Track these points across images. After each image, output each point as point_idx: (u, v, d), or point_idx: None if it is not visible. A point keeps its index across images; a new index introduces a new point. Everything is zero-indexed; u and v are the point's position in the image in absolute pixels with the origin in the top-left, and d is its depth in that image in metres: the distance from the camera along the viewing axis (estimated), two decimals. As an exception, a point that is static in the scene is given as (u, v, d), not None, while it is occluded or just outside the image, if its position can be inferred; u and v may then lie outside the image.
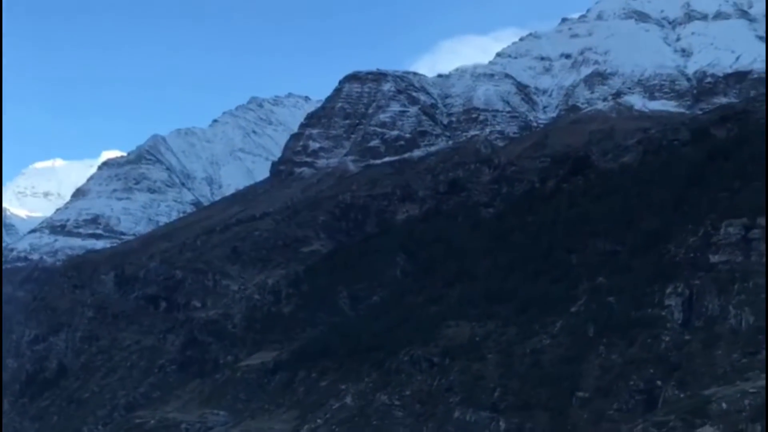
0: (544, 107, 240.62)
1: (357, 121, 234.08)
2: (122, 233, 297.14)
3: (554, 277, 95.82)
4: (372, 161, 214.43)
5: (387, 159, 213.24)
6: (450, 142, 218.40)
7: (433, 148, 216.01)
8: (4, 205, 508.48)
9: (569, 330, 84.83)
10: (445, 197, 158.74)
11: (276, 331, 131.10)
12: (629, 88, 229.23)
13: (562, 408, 75.99)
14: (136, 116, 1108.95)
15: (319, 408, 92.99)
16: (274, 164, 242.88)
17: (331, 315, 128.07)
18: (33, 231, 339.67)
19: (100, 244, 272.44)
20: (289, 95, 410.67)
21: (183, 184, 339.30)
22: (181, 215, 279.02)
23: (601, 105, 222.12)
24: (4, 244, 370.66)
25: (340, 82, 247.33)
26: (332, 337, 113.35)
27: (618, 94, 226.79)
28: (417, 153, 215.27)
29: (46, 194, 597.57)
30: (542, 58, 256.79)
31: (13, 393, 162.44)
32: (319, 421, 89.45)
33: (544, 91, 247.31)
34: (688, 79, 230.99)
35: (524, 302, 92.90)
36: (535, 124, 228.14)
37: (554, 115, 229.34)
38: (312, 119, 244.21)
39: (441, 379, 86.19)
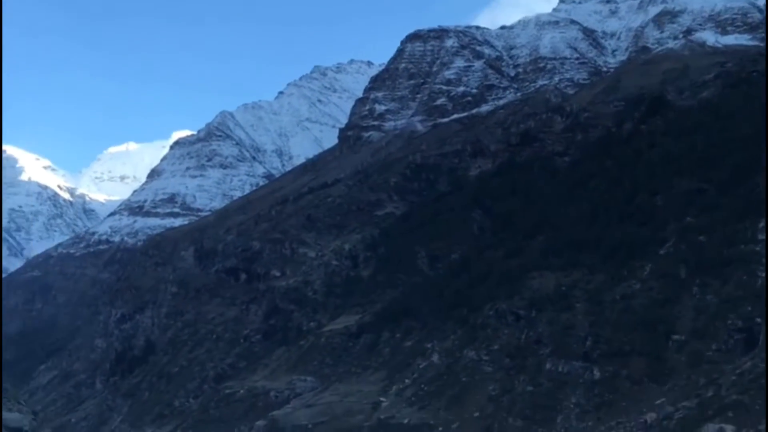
0: (613, 51, 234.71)
1: (422, 81, 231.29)
2: (198, 210, 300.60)
3: (640, 220, 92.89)
4: (440, 119, 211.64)
5: (455, 116, 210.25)
6: (518, 94, 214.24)
7: (501, 102, 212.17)
8: (83, 191, 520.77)
9: (660, 273, 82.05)
10: (517, 149, 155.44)
11: (356, 294, 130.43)
12: (700, 25, 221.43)
13: (658, 353, 73.54)
14: (203, 94, 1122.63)
15: (406, 368, 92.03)
16: (341, 131, 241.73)
17: (411, 275, 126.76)
18: (112, 214, 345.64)
19: (177, 222, 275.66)
20: (352, 61, 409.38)
21: (254, 158, 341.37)
22: (254, 188, 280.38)
23: (672, 44, 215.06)
24: (85, 228, 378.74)
25: (402, 43, 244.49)
26: (413, 297, 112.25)
27: (689, 32, 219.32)
28: (485, 107, 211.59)
29: (122, 178, 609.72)
30: (608, 1, 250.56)
31: (104, 372, 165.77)
32: (407, 381, 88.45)
33: (612, 35, 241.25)
34: (761, 11, 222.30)
35: (610, 248, 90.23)
36: (605, 68, 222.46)
37: (624, 58, 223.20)
38: (376, 82, 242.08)
39: (529, 331, 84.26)
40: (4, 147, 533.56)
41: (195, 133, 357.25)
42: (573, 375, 76.28)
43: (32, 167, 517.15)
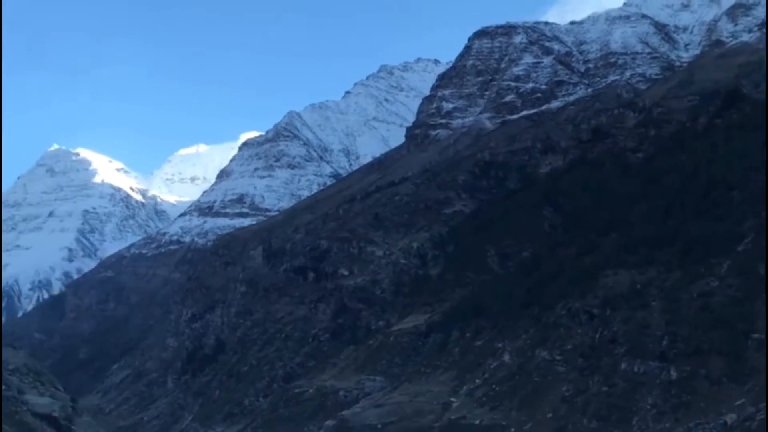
0: (686, 45, 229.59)
1: (490, 78, 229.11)
2: (267, 210, 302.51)
3: (716, 215, 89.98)
4: (508, 116, 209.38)
5: (524, 113, 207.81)
6: (589, 90, 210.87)
7: (571, 98, 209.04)
8: (154, 192, 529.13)
9: (738, 270, 79.22)
10: (589, 146, 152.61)
11: (425, 293, 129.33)
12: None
13: (737, 352, 70.85)
14: (271, 95, 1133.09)
15: (476, 368, 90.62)
16: (408, 129, 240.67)
17: (480, 274, 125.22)
18: (183, 215, 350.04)
19: (246, 222, 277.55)
20: (419, 60, 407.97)
21: (321, 158, 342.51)
22: (322, 188, 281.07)
23: (746, 37, 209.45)
24: (156, 229, 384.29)
25: (470, 40, 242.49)
26: (483, 295, 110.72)
27: (764, 24, 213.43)
28: (555, 104, 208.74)
29: (192, 179, 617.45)
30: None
31: (176, 371, 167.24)
32: (477, 380, 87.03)
33: (684, 29, 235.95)
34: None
35: (686, 245, 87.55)
36: (677, 63, 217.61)
37: (697, 52, 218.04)
38: (444, 80, 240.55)
39: (603, 330, 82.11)
40: (78, 150, 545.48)
41: (263, 133, 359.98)
42: (649, 375, 74.04)
43: (105, 169, 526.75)
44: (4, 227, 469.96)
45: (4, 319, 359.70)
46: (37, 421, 39.31)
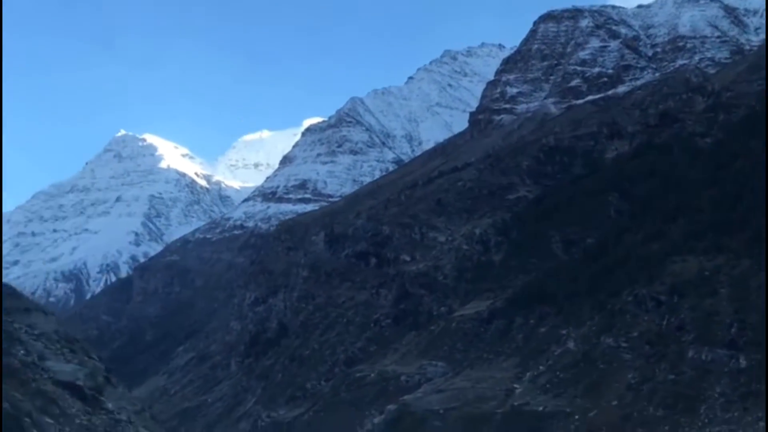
0: (756, 29, 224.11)
1: (555, 62, 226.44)
2: (329, 195, 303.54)
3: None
4: (574, 101, 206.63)
5: (590, 98, 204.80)
6: (656, 74, 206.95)
7: (638, 82, 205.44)
8: (219, 178, 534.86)
9: (810, 257, 77.06)
10: (656, 131, 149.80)
11: (488, 279, 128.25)
12: None
13: (810, 341, 68.96)
14: (334, 81, 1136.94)
15: (540, 354, 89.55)
16: (472, 114, 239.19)
17: (544, 260, 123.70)
18: (246, 200, 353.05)
19: (309, 208, 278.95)
20: (482, 45, 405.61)
21: (383, 144, 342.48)
22: (384, 174, 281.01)
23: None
24: (221, 214, 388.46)
25: (535, 24, 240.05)
26: (548, 282, 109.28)
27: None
28: (622, 88, 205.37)
29: (256, 165, 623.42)
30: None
31: (239, 354, 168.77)
32: (541, 367, 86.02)
33: (755, 12, 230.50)
34: None
35: (756, 231, 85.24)
36: (747, 47, 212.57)
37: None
38: (508, 64, 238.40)
39: (670, 317, 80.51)
40: (144, 135, 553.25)
41: (326, 119, 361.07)
42: (717, 363, 72.46)
43: (171, 155, 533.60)
44: (73, 211, 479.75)
45: (72, 301, 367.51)
46: (59, 389, 35.18)
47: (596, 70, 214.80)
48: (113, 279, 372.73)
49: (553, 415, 75.22)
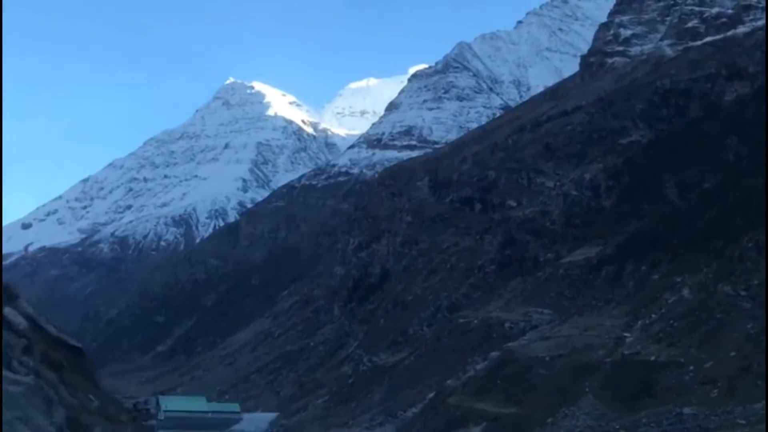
0: None
1: (671, 2, 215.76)
2: (434, 142, 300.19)
3: None
4: (691, 43, 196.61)
5: (708, 39, 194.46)
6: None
7: (759, 22, 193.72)
8: (325, 125, 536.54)
9: None
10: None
11: (597, 225, 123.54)
12: None
13: None
14: (442, 27, 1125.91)
15: (652, 302, 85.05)
16: (583, 57, 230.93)
17: (657, 205, 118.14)
18: (351, 147, 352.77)
19: (414, 155, 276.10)
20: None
21: (491, 89, 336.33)
22: (490, 119, 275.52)
23: None
24: (326, 161, 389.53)
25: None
26: (661, 227, 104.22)
27: None
28: (741, 29, 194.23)
29: (362, 113, 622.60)
30: None
31: (342, 299, 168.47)
32: (653, 316, 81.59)
33: None
34: None
35: None
36: None
37: None
38: (622, 5, 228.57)
39: (795, 264, 75.06)
40: (253, 83, 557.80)
41: (433, 66, 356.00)
42: None
43: (278, 103, 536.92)
44: (183, 157, 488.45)
45: (182, 245, 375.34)
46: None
47: (715, 10, 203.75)
48: (221, 224, 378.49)
49: (666, 366, 71.05)
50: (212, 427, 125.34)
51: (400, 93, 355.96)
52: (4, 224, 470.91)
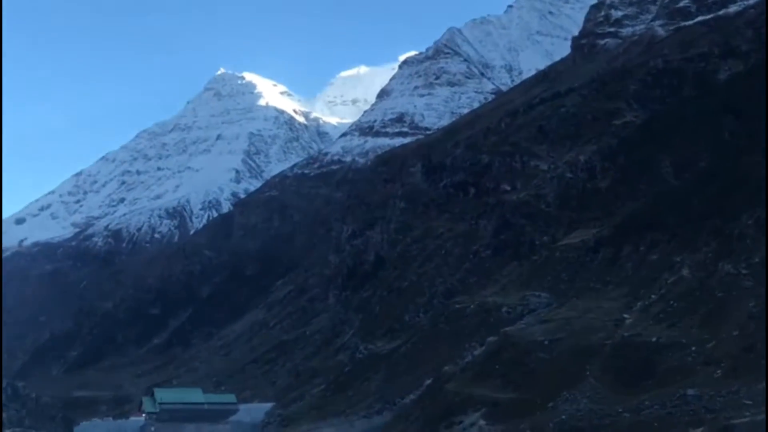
0: None
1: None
2: (426, 128, 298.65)
3: None
4: (683, 23, 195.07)
5: (699, 18, 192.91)
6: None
7: (750, 1, 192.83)
8: (317, 114, 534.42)
9: None
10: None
11: (593, 207, 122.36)
12: None
13: None
14: (431, 14, 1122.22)
15: (651, 283, 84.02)
16: (574, 39, 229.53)
17: (654, 186, 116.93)
18: (343, 135, 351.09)
19: (406, 141, 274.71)
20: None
21: (482, 74, 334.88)
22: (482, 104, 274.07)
23: None
24: (319, 150, 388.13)
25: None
26: (658, 207, 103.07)
27: None
28: (733, 8, 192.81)
29: (354, 101, 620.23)
30: None
31: (336, 287, 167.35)
32: (653, 296, 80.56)
33: None
34: None
35: None
36: None
37: None
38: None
39: (796, 241, 73.94)
40: (243, 74, 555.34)
41: (423, 52, 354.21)
42: None
43: (270, 93, 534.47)
44: (176, 149, 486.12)
45: (176, 237, 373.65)
46: None
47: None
48: (215, 215, 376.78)
49: (668, 347, 70.00)
50: (209, 419, 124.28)
51: (391, 80, 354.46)
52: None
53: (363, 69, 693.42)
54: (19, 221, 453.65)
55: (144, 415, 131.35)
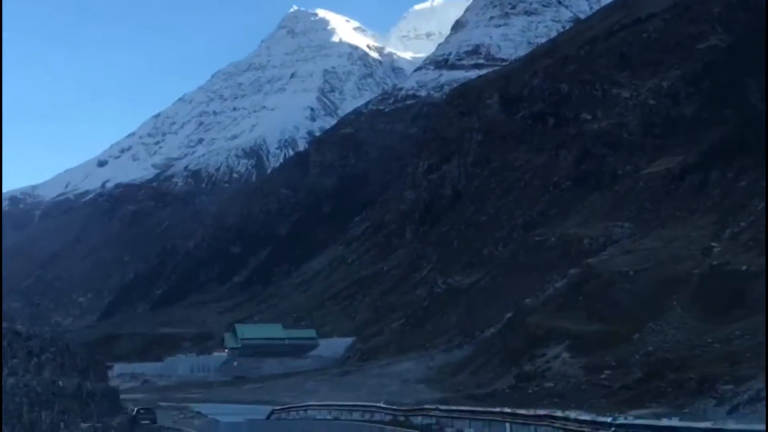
0: None
1: None
2: (503, 60, 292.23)
3: None
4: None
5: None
6: None
7: None
8: (391, 49, 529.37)
9: None
10: None
11: (678, 134, 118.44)
12: None
13: None
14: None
15: (740, 210, 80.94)
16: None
17: (741, 110, 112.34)
18: (418, 69, 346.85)
19: (482, 73, 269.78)
20: None
21: (560, 2, 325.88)
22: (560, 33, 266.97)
23: None
24: (393, 85, 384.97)
25: None
26: (746, 133, 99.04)
27: None
28: None
29: (428, 35, 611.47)
30: None
31: (413, 222, 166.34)
32: (742, 224, 77.54)
33: None
34: None
35: None
36: None
37: None
38: None
39: None
40: (316, 11, 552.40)
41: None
42: None
43: (343, 29, 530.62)
44: (251, 89, 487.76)
45: (254, 176, 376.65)
46: None
47: None
48: (291, 154, 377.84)
49: (758, 275, 67.12)
50: (289, 353, 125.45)
51: (465, 11, 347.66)
52: (81, 162, 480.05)
53: (437, 1, 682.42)
54: (102, 163, 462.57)
55: (226, 350, 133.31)
